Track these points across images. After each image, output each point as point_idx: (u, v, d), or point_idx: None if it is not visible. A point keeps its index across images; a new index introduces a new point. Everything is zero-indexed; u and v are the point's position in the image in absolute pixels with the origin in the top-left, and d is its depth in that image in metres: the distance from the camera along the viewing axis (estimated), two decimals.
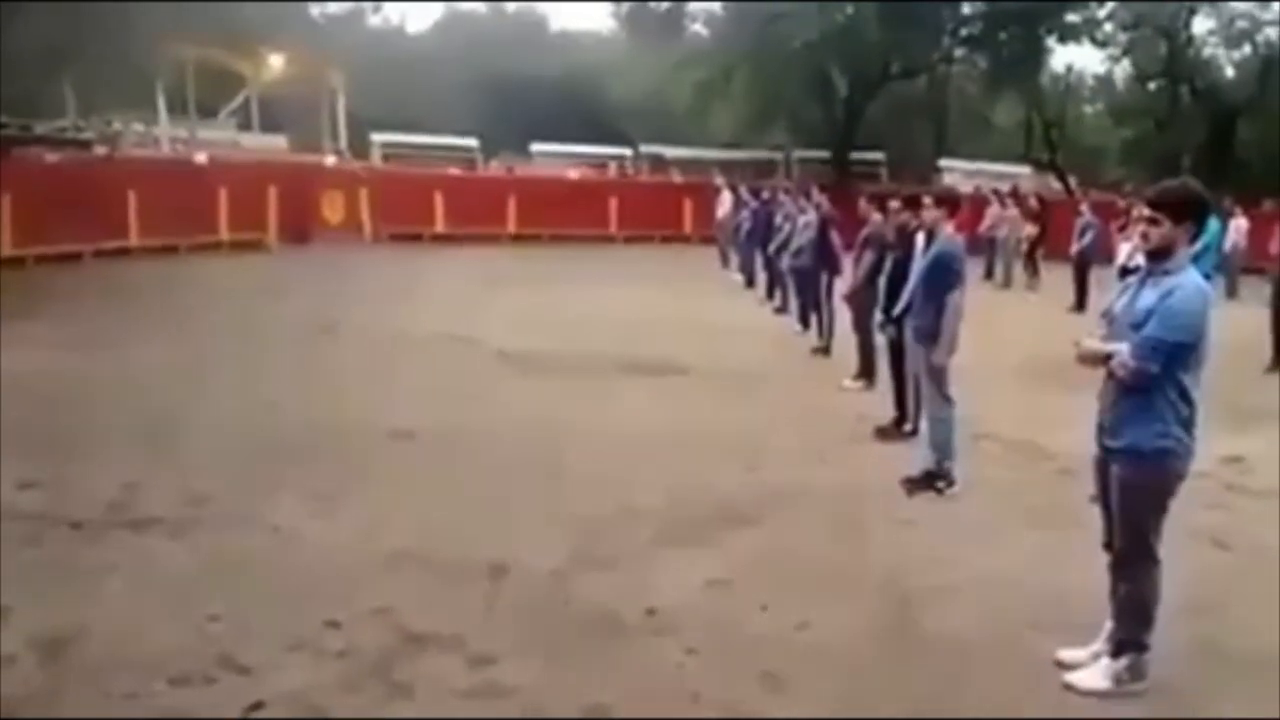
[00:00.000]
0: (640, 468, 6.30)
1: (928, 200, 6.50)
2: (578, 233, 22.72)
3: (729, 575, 4.73)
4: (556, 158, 28.10)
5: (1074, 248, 15.50)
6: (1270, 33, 32.72)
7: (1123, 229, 12.15)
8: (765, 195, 15.92)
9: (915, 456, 6.34)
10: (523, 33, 41.84)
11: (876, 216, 8.57)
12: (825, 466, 6.55)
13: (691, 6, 29.66)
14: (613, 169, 28.73)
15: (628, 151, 29.25)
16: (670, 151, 29.19)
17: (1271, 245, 11.74)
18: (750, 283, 15.69)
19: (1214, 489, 6.06)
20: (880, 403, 7.63)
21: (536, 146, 28.75)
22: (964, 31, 28.80)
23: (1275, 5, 29.56)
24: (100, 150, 19.73)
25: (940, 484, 6.05)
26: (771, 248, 13.26)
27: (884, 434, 7.24)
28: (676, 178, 27.09)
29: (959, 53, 30.24)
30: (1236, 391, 8.35)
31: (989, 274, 18.17)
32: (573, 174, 26.03)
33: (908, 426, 7.19)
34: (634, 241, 23.21)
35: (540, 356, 9.60)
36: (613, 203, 24.31)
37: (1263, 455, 7.00)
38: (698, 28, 30.96)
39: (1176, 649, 3.91)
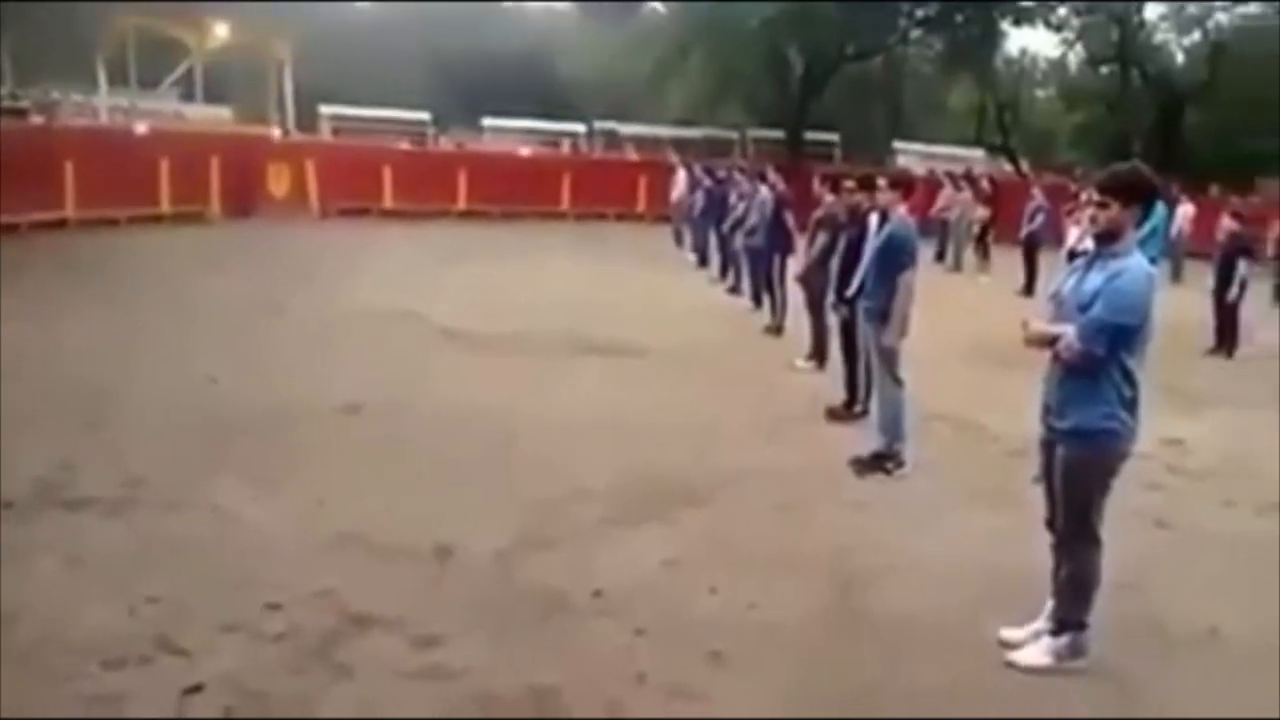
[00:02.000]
0: (589, 448, 6.29)
1: (882, 182, 6.55)
2: (529, 210, 22.54)
3: (678, 556, 4.74)
4: (509, 133, 27.82)
5: (1024, 231, 15.73)
6: (1221, 19, 33.40)
7: (1071, 213, 12.34)
8: (720, 174, 15.91)
9: (865, 437, 6.41)
10: (476, 6, 41.26)
11: (830, 197, 8.59)
12: (775, 447, 6.59)
13: None
14: (566, 146, 28.53)
15: (581, 128, 29.05)
16: (624, 128, 29.06)
17: (1216, 231, 12.02)
18: (703, 262, 15.71)
19: (1155, 470, 6.22)
20: (831, 383, 7.70)
21: (488, 122, 28.44)
22: (920, 13, 29.01)
23: None
24: (37, 119, 19.14)
25: (890, 465, 6.12)
26: (725, 227, 13.28)
27: (835, 415, 7.30)
28: (631, 155, 26.99)
29: (915, 34, 30.47)
30: (1178, 375, 8.58)
31: (940, 256, 18.36)
32: (525, 150, 25.79)
33: (858, 407, 7.26)
34: (587, 219, 23.09)
35: (488, 336, 9.53)
36: (565, 180, 24.13)
37: (1202, 438, 7.20)
38: (654, 4, 30.84)
39: (1116, 626, 4.01)
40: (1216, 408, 8.25)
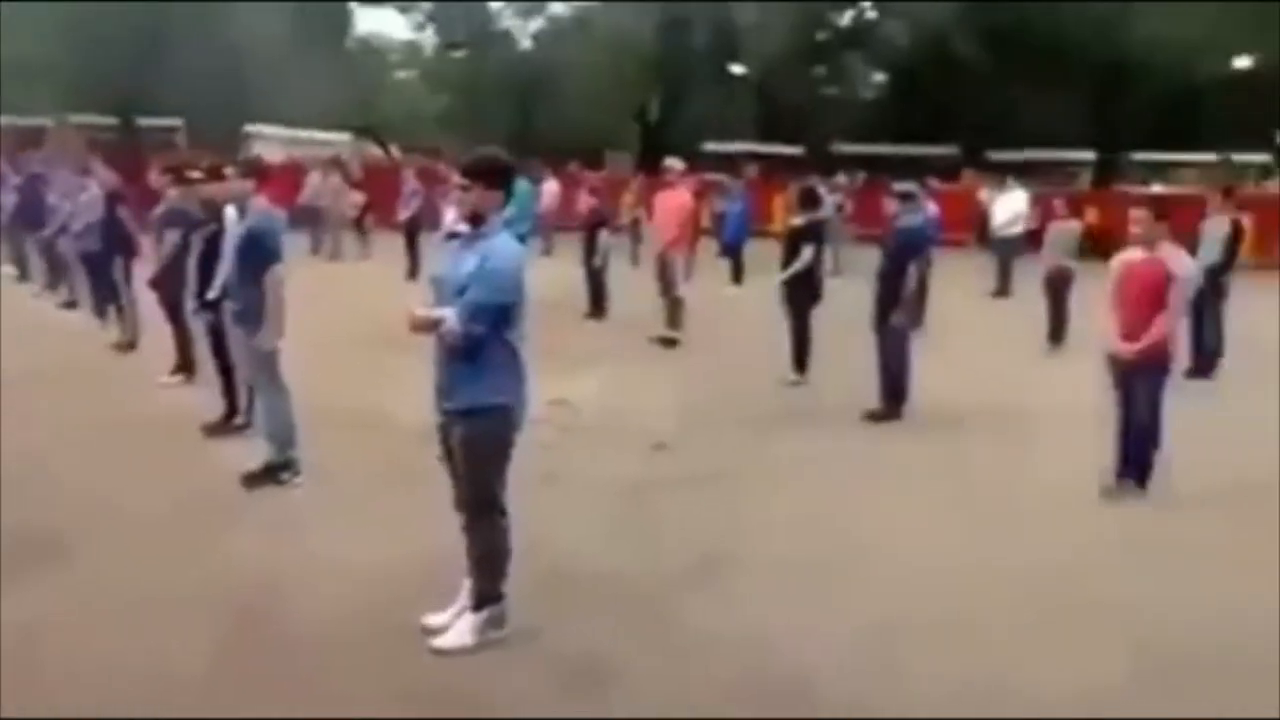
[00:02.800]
0: None
1: (230, 171, 6.33)
2: None
3: (34, 618, 4.16)
4: None
5: (402, 215, 16.38)
6: (558, 8, 37.93)
7: (445, 195, 13.11)
8: (35, 169, 14.15)
9: (253, 450, 6.19)
10: None
11: (174, 191, 8.19)
12: (140, 478, 6.05)
13: None
14: None
15: None
16: None
17: (579, 204, 13.71)
18: (24, 275, 13.90)
19: (547, 432, 6.89)
20: (206, 396, 7.29)
21: None
22: None
23: None
24: None
25: (284, 475, 6.01)
26: (48, 231, 11.97)
27: (214, 430, 6.97)
28: None
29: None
30: (559, 341, 9.60)
31: (317, 247, 18.41)
32: None
33: (240, 419, 7.01)
34: None
35: None
36: None
37: (586, 396, 8.16)
38: None
39: (529, 587, 4.37)
40: (595, 366, 9.40)
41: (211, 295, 6.79)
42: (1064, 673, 4.06)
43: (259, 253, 6.01)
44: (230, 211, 6.42)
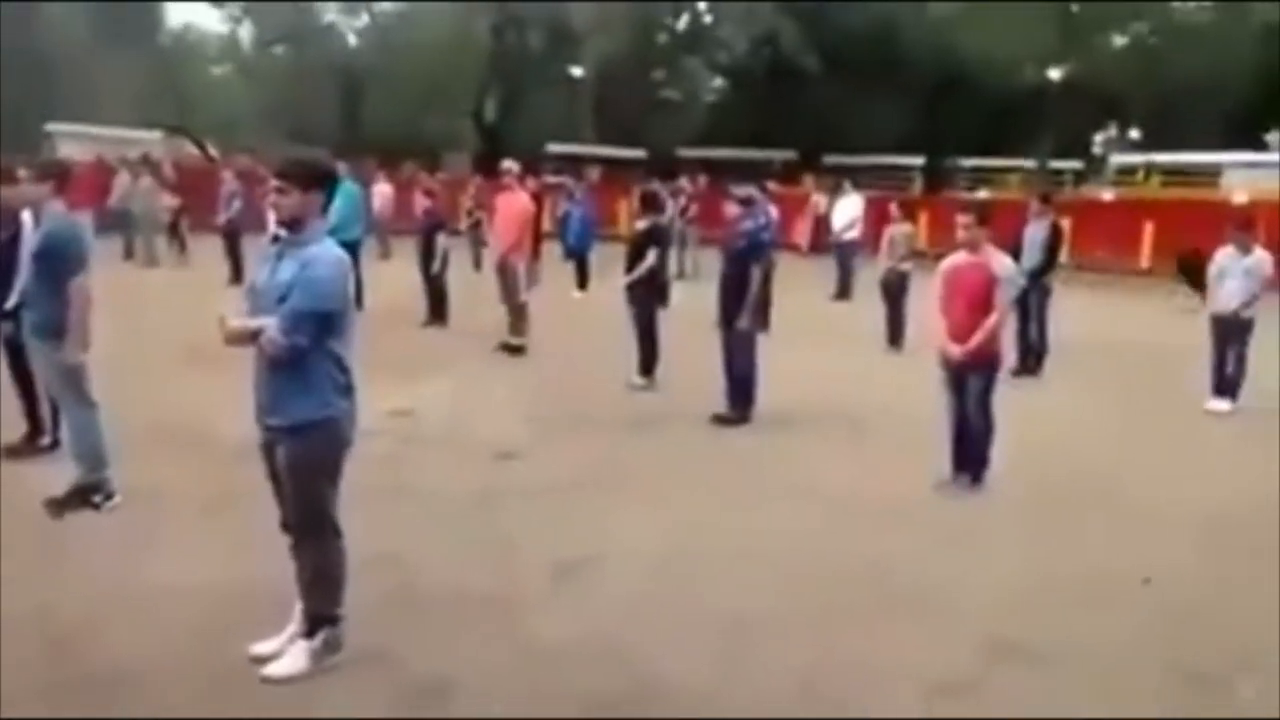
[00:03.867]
0: None
1: (24, 173, 5.95)
2: None
3: None
4: None
5: (221, 218, 15.74)
6: (384, 5, 37.25)
7: (266, 197, 12.67)
8: None
9: (61, 472, 5.81)
10: None
11: None
12: None
13: None
14: None
15: None
16: None
17: (415, 206, 13.47)
18: None
19: (388, 444, 6.74)
20: (7, 415, 6.82)
21: None
22: None
23: None
24: None
25: (97, 498, 5.68)
26: None
27: (16, 452, 6.52)
28: None
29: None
30: (398, 348, 9.44)
31: (129, 253, 17.54)
32: None
33: (45, 439, 6.60)
34: None
35: None
36: None
37: (428, 406, 8.02)
38: None
39: (371, 606, 4.25)
40: (437, 375, 9.25)
41: (8, 305, 6.35)
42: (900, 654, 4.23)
43: (58, 261, 5.67)
44: (26, 217, 6.05)
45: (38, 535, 5.33)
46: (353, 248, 10.12)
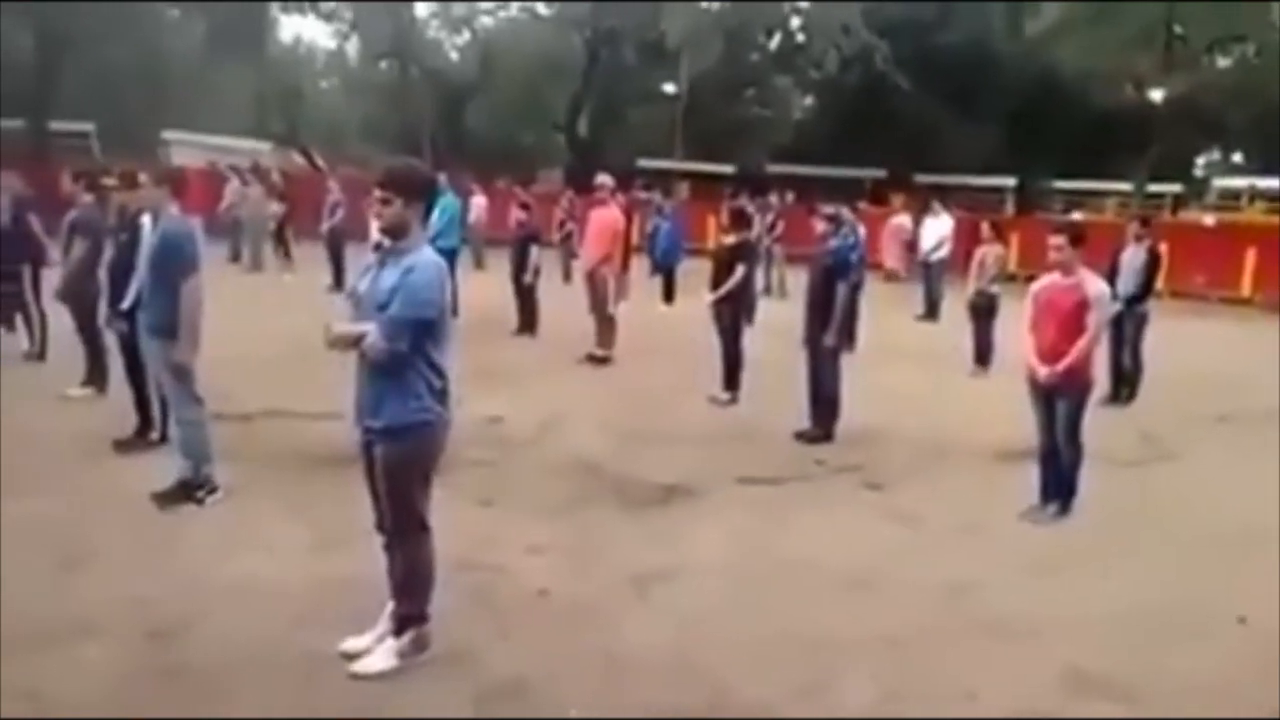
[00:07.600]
0: None
1: (144, 178, 6.19)
2: None
3: None
4: None
5: (325, 225, 16.12)
6: (486, 21, 37.86)
7: (371, 207, 12.95)
8: None
9: (167, 467, 6.02)
10: None
11: (87, 197, 8.02)
12: (47, 497, 5.82)
13: None
14: None
15: None
16: None
17: (509, 218, 13.67)
18: None
19: (481, 448, 6.84)
20: (119, 410, 7.09)
21: None
22: None
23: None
24: None
25: (200, 493, 5.85)
26: None
27: (125, 446, 6.77)
28: None
29: (173, 15, 29.40)
30: (491, 356, 9.58)
31: (236, 257, 18.07)
32: None
33: (154, 434, 6.82)
34: None
35: None
36: None
37: (520, 410, 8.12)
38: None
39: (454, 608, 4.32)
40: (527, 383, 9.36)
41: (125, 305, 6.62)
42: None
43: (174, 263, 5.86)
44: (145, 220, 6.29)
45: (142, 527, 5.51)
46: (450, 257, 10.30)
